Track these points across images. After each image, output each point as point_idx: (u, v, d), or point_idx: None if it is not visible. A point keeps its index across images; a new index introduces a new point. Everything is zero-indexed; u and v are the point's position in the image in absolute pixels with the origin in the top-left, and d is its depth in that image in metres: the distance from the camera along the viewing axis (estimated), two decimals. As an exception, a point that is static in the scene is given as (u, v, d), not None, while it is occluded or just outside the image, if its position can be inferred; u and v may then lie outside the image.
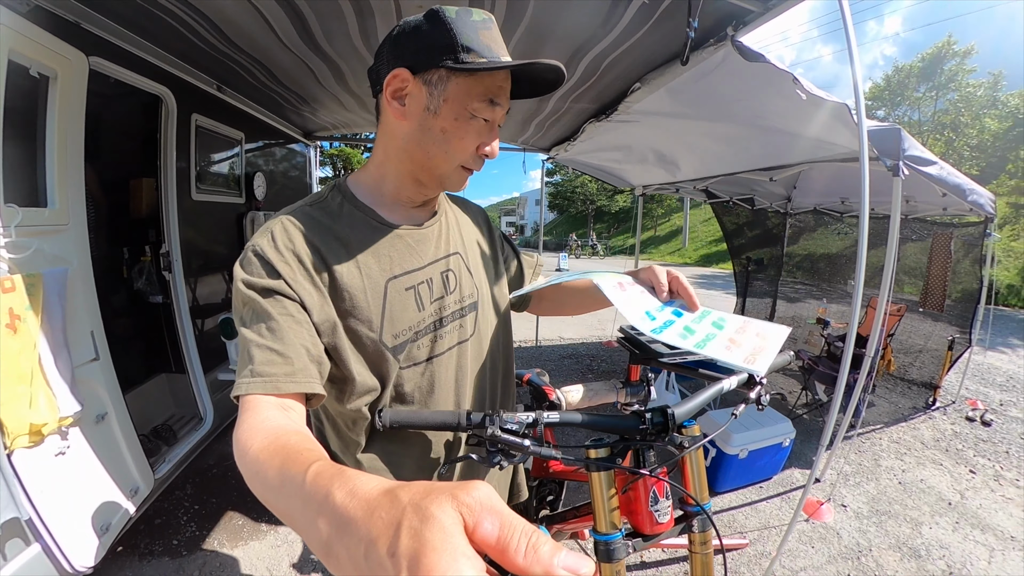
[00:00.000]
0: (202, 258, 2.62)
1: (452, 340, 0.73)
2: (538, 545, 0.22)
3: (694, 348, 0.63)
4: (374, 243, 0.67)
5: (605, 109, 2.51)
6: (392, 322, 0.66)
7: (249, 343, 0.55)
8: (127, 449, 1.83)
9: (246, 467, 0.43)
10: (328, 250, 0.63)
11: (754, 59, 1.65)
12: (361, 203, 0.68)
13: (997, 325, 6.47)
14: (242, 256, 0.61)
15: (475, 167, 0.66)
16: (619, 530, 0.73)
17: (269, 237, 0.61)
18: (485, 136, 0.64)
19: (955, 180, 2.80)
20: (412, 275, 0.69)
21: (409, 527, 0.23)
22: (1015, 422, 3.68)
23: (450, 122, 0.61)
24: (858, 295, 1.69)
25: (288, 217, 0.64)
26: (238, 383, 0.54)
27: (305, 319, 0.59)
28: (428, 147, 0.63)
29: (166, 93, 2.17)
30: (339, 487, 0.29)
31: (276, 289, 0.58)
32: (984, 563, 2.12)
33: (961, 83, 14.92)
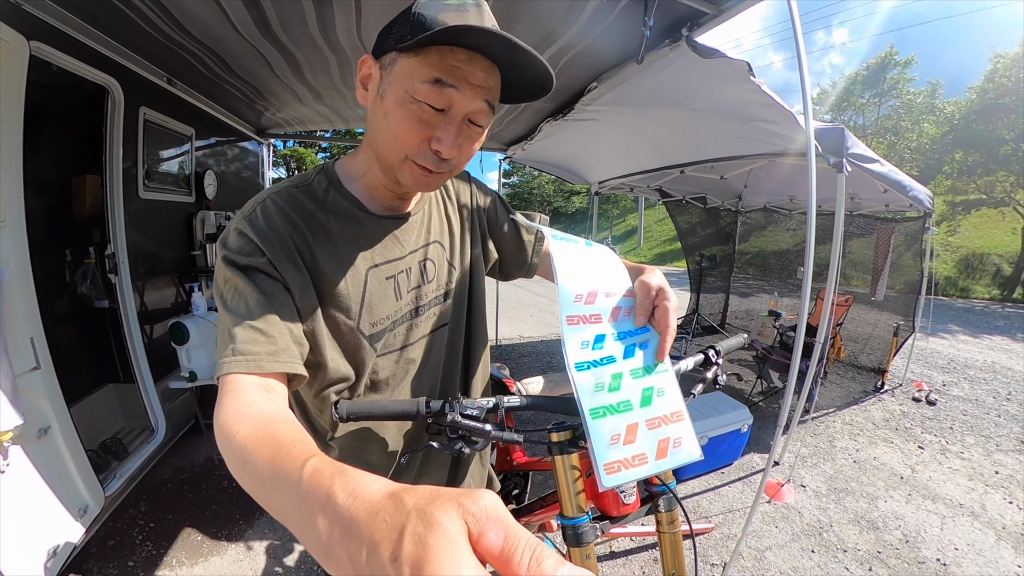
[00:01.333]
0: (150, 260, 2.48)
1: (427, 328, 0.74)
2: (542, 558, 0.22)
3: (587, 412, 0.54)
4: (357, 232, 0.66)
5: (562, 108, 2.55)
6: (371, 311, 0.66)
7: (231, 322, 0.53)
8: (74, 465, 1.70)
9: (232, 455, 0.42)
10: (311, 234, 0.62)
11: (710, 55, 1.71)
12: (346, 191, 0.66)
13: (937, 313, 6.97)
14: (224, 233, 0.59)
15: (427, 163, 0.58)
16: (586, 513, 0.73)
17: (253, 215, 0.59)
18: (437, 127, 0.55)
19: (896, 177, 2.99)
20: (392, 264, 0.68)
21: (413, 533, 0.23)
22: (957, 400, 3.97)
23: (392, 106, 0.55)
24: (807, 286, 1.78)
25: (273, 197, 0.62)
26: (220, 363, 0.52)
27: (287, 300, 0.58)
28: (377, 132, 0.59)
29: (113, 84, 2.04)
30: (341, 487, 0.28)
31: (259, 268, 0.56)
32: (937, 530, 2.27)
33: (902, 91, 16.09)
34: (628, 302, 0.64)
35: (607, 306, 0.62)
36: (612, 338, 0.59)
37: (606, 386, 0.56)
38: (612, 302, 0.63)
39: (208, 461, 2.63)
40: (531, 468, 1.29)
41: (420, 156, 0.57)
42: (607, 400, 0.55)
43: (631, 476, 0.53)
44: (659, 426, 0.56)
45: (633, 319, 0.62)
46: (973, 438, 3.25)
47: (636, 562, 2.00)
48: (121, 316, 2.25)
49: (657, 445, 0.55)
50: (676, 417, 0.57)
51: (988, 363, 5.11)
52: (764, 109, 2.09)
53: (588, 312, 0.60)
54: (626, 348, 0.59)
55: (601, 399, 0.55)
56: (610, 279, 0.65)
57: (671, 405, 0.58)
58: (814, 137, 1.71)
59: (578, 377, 0.55)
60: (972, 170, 12.37)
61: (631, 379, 0.57)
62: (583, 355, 0.57)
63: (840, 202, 2.23)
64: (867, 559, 2.06)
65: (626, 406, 0.56)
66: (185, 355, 2.35)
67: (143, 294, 2.39)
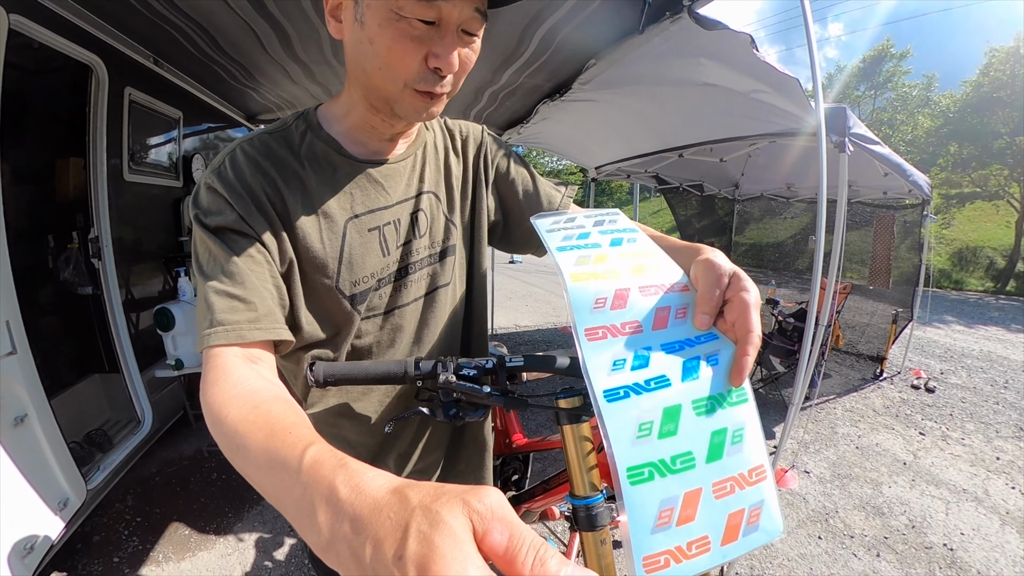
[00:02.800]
0: (135, 245, 2.40)
1: (419, 290, 0.66)
2: (546, 558, 0.22)
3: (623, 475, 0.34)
4: (334, 178, 0.59)
5: (560, 88, 2.48)
6: (351, 268, 0.60)
7: (208, 290, 0.50)
8: (53, 456, 1.62)
9: (223, 438, 0.40)
10: (284, 185, 0.56)
11: (712, 27, 1.65)
12: (325, 134, 0.60)
13: (931, 305, 7.02)
14: (195, 190, 0.56)
15: (430, 86, 0.52)
16: (600, 492, 0.63)
17: (222, 167, 0.55)
18: (431, 42, 0.50)
19: (896, 160, 2.97)
20: (376, 214, 0.61)
21: (418, 531, 0.22)
22: (955, 388, 3.97)
23: (374, 29, 0.49)
24: (818, 263, 1.72)
25: (244, 145, 0.57)
26: (200, 336, 0.49)
27: (265, 258, 0.53)
28: (363, 63, 0.52)
29: (97, 63, 1.96)
30: (343, 481, 0.28)
31: (231, 227, 0.52)
32: (942, 515, 2.26)
33: (897, 83, 16.17)
34: (681, 299, 0.44)
35: (646, 307, 0.42)
36: (661, 352, 0.40)
37: (655, 429, 0.36)
38: (654, 301, 0.43)
39: (197, 453, 2.55)
40: (532, 450, 1.22)
41: (420, 79, 0.52)
42: (656, 453, 0.35)
43: (684, 572, 0.34)
44: (731, 491, 0.37)
45: (690, 321, 0.42)
46: (973, 425, 3.24)
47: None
48: (105, 303, 2.17)
49: (726, 523, 0.36)
50: (758, 476, 0.38)
51: (984, 352, 5.13)
52: (767, 85, 2.04)
53: (619, 320, 0.41)
54: (685, 365, 0.39)
55: (646, 452, 0.35)
56: (647, 268, 0.46)
57: (752, 457, 0.38)
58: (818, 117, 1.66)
59: (610, 412, 0.36)
60: (966, 163, 12.47)
61: (694, 416, 0.37)
62: (617, 379, 0.37)
63: (843, 183, 2.19)
64: (874, 545, 2.02)
65: (687, 463, 0.36)
66: (171, 342, 2.27)
67: (128, 280, 2.31)
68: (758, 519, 0.37)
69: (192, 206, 0.55)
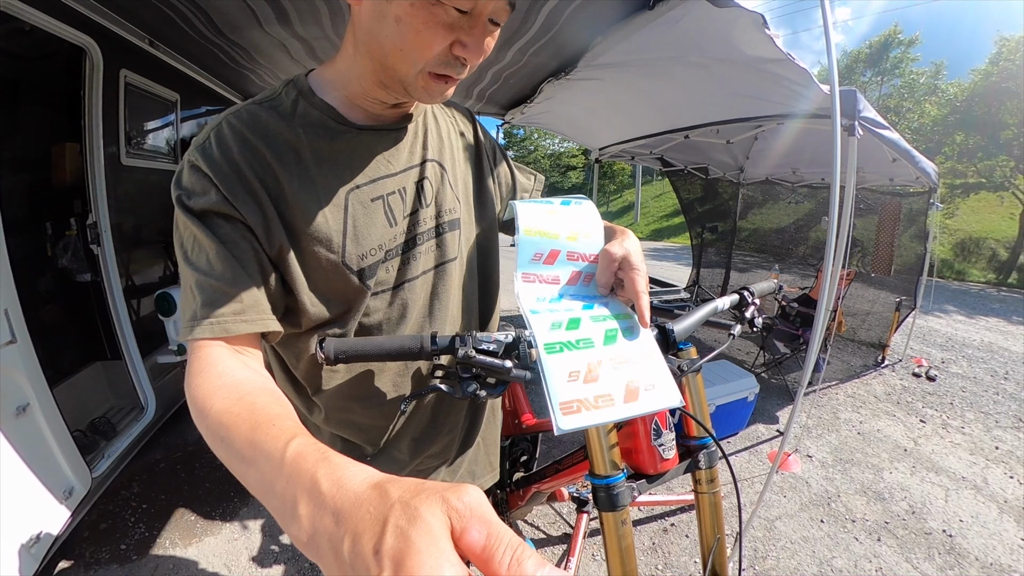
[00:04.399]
0: (135, 230, 2.36)
1: (428, 263, 0.64)
2: (523, 558, 0.22)
3: (540, 347, 0.48)
4: (332, 148, 0.55)
5: (565, 66, 2.42)
6: (357, 240, 0.57)
7: (192, 279, 0.49)
8: (56, 445, 1.61)
9: (207, 430, 0.40)
10: (276, 158, 0.53)
11: (723, 4, 1.60)
12: (319, 100, 0.56)
13: (934, 294, 7.01)
14: (179, 167, 0.53)
15: (450, 71, 0.50)
16: (621, 471, 0.64)
17: (207, 144, 0.51)
18: (461, 30, 0.48)
19: (905, 145, 2.92)
20: (379, 184, 0.58)
21: (395, 526, 0.22)
22: (956, 377, 3.98)
23: (405, 8, 0.46)
24: (830, 249, 1.70)
25: (230, 118, 0.53)
26: (183, 327, 0.48)
27: (251, 243, 0.51)
28: (382, 40, 0.49)
29: (91, 45, 1.91)
30: (325, 475, 0.28)
31: (216, 210, 0.49)
32: (942, 502, 2.27)
33: (905, 70, 15.90)
34: (593, 268, 0.58)
35: (567, 270, 0.57)
36: (568, 299, 0.54)
37: (563, 324, 0.49)
38: (574, 267, 0.57)
39: (201, 439, 2.53)
40: (542, 430, 1.21)
41: (441, 65, 0.50)
42: (563, 336, 0.48)
43: (594, 419, 0.45)
44: (626, 363, 0.48)
45: (593, 285, 0.57)
46: (973, 414, 3.25)
47: (646, 532, 1.96)
48: (105, 290, 2.15)
49: (625, 387, 0.47)
50: (647, 358, 0.50)
51: (985, 343, 5.13)
52: (776, 66, 1.99)
53: (546, 272, 0.55)
54: (586, 307, 0.53)
55: (557, 336, 0.48)
56: (579, 240, 0.59)
57: (641, 348, 0.50)
58: (829, 98, 1.62)
59: (533, 319, 0.50)
60: (972, 153, 12.31)
61: (591, 323, 0.51)
62: (539, 305, 0.52)
63: (851, 166, 2.15)
64: (875, 529, 2.04)
65: (587, 343, 0.49)
66: (173, 327, 2.26)
67: (128, 265, 2.28)
68: (655, 388, 0.48)
69: (174, 186, 0.51)
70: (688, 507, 2.06)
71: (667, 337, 0.63)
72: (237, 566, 1.76)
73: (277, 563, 1.77)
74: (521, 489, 1.17)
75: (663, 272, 8.94)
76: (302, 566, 1.75)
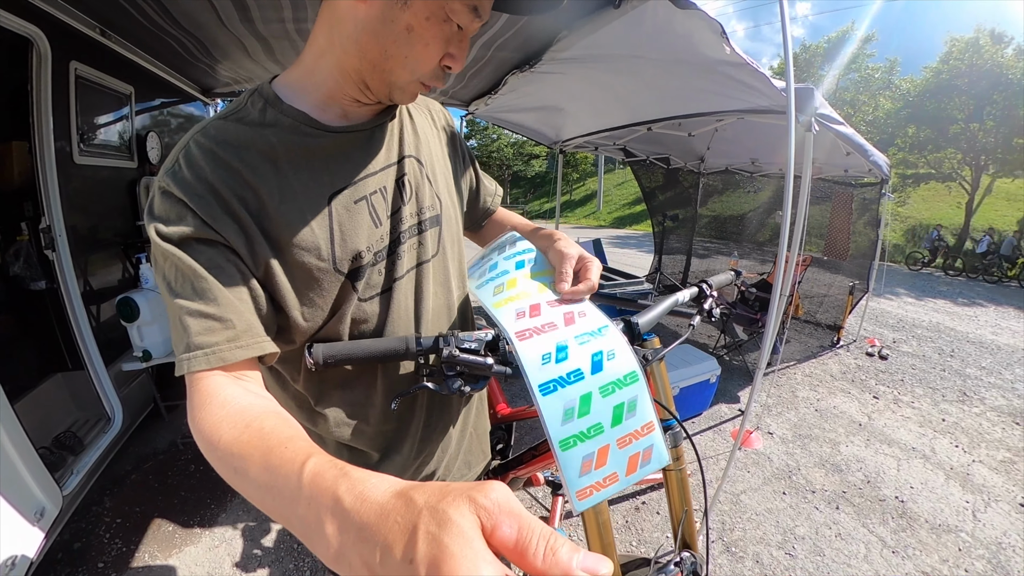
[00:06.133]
0: (91, 233, 2.26)
1: (410, 261, 0.63)
2: (556, 547, 0.22)
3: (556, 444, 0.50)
4: (308, 154, 0.54)
5: (529, 59, 2.43)
6: (344, 245, 0.56)
7: (180, 310, 0.46)
8: (23, 464, 1.53)
9: (219, 462, 0.39)
10: (251, 172, 0.51)
11: (686, 6, 1.67)
12: (288, 107, 0.54)
13: (886, 278, 7.46)
14: (150, 196, 0.50)
15: (436, 83, 0.55)
16: None
17: (176, 167, 0.49)
18: (454, 46, 0.53)
19: (859, 140, 3.09)
20: (360, 184, 0.58)
21: (426, 532, 0.22)
22: (906, 356, 4.28)
23: (421, 20, 0.48)
24: (784, 238, 1.80)
25: (197, 138, 0.51)
26: (179, 361, 0.46)
27: (237, 266, 0.49)
28: (386, 45, 0.50)
29: (37, 35, 1.79)
30: (347, 491, 0.28)
31: (195, 235, 0.47)
32: (894, 471, 2.47)
33: (861, 65, 16.67)
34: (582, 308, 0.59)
35: (557, 312, 0.56)
36: (575, 344, 0.53)
37: (575, 411, 0.51)
38: (560, 307, 0.57)
39: (171, 447, 2.49)
40: (516, 419, 1.26)
41: (432, 76, 0.54)
42: (578, 428, 0.51)
43: (602, 497, 0.51)
44: (629, 443, 0.53)
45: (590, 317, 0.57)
46: (922, 389, 3.51)
47: (619, 511, 2.05)
48: (63, 297, 2.05)
49: (627, 462, 0.53)
50: (647, 429, 0.54)
51: (933, 323, 5.51)
52: (735, 69, 2.07)
53: (539, 323, 0.55)
54: (593, 359, 0.53)
55: (570, 428, 0.50)
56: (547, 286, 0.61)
57: (642, 418, 0.54)
58: (784, 96, 1.71)
59: (544, 403, 0.49)
60: (923, 145, 13.07)
61: (601, 399, 0.52)
62: (547, 372, 0.51)
63: (807, 160, 2.27)
64: (834, 499, 2.20)
65: (597, 430, 0.51)
66: (137, 333, 2.17)
67: (86, 270, 2.18)
68: (649, 456, 0.54)
69: (148, 216, 0.49)
70: (657, 486, 2.16)
71: (632, 330, 0.68)
72: (220, 573, 1.73)
73: (261, 567, 1.76)
74: (499, 477, 1.21)
75: (626, 259, 9.13)
76: (286, 568, 1.75)
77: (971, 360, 4.23)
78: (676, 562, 0.77)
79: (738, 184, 5.33)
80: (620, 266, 4.43)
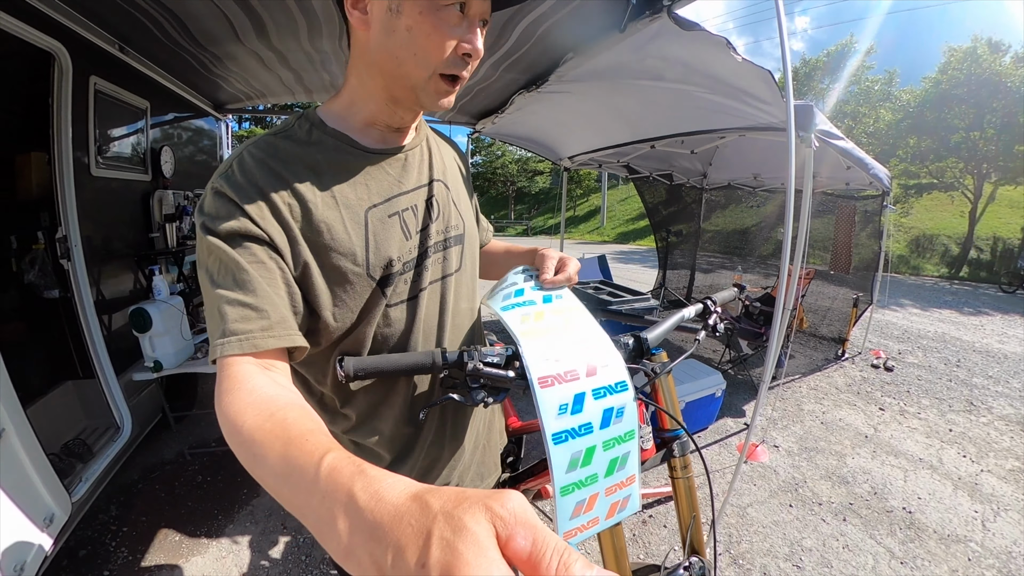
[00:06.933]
0: (105, 243, 2.29)
1: (435, 274, 0.68)
2: (570, 563, 0.21)
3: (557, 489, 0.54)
4: (348, 170, 0.60)
5: (536, 79, 2.50)
6: (378, 253, 0.61)
7: (219, 299, 0.50)
8: (35, 471, 1.55)
9: (240, 448, 0.40)
10: (298, 181, 0.56)
11: (690, 28, 1.71)
12: (332, 129, 0.61)
13: (890, 289, 7.44)
14: (202, 197, 0.55)
15: (458, 71, 0.57)
16: None
17: (230, 171, 0.55)
18: (461, 32, 0.55)
19: (859, 154, 3.13)
20: (394, 201, 0.63)
21: (441, 538, 0.22)
22: (912, 367, 4.25)
23: (415, 17, 0.53)
24: (786, 252, 1.83)
25: (251, 149, 0.57)
26: (213, 345, 0.49)
27: (277, 264, 0.53)
28: (395, 52, 0.55)
29: (60, 50, 1.85)
30: (362, 488, 0.28)
31: (242, 232, 0.52)
32: (901, 482, 2.45)
33: (860, 78, 16.84)
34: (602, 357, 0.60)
35: (580, 359, 0.58)
36: (591, 398, 0.56)
37: (579, 462, 0.54)
38: (584, 354, 0.59)
39: (179, 457, 2.50)
40: (528, 432, 1.27)
41: (450, 65, 0.56)
42: (577, 476, 0.55)
43: (583, 537, 0.56)
44: (615, 492, 0.58)
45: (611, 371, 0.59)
46: (928, 400, 3.49)
47: (626, 524, 2.04)
48: (76, 305, 2.08)
49: (609, 508, 0.58)
50: (630, 480, 0.59)
51: (939, 334, 5.49)
52: (739, 82, 2.12)
53: (562, 370, 0.56)
54: (604, 414, 0.56)
55: (572, 476, 0.54)
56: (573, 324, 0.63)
57: (629, 471, 0.59)
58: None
59: (554, 452, 0.53)
60: (924, 156, 13.10)
61: (602, 452, 0.56)
62: (561, 423, 0.53)
63: (808, 175, 2.31)
64: (841, 510, 2.19)
65: (592, 479, 0.56)
66: (148, 343, 2.20)
67: (99, 280, 2.21)
68: (626, 504, 0.60)
69: (198, 214, 0.54)
70: (665, 499, 2.16)
71: (641, 345, 0.71)
72: (227, 583, 1.74)
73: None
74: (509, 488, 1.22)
75: (630, 274, 9.14)
76: (292, 578, 1.75)
77: (978, 369, 4.20)
78: (685, 566, 0.78)
79: (740, 199, 5.37)
80: (625, 281, 4.45)
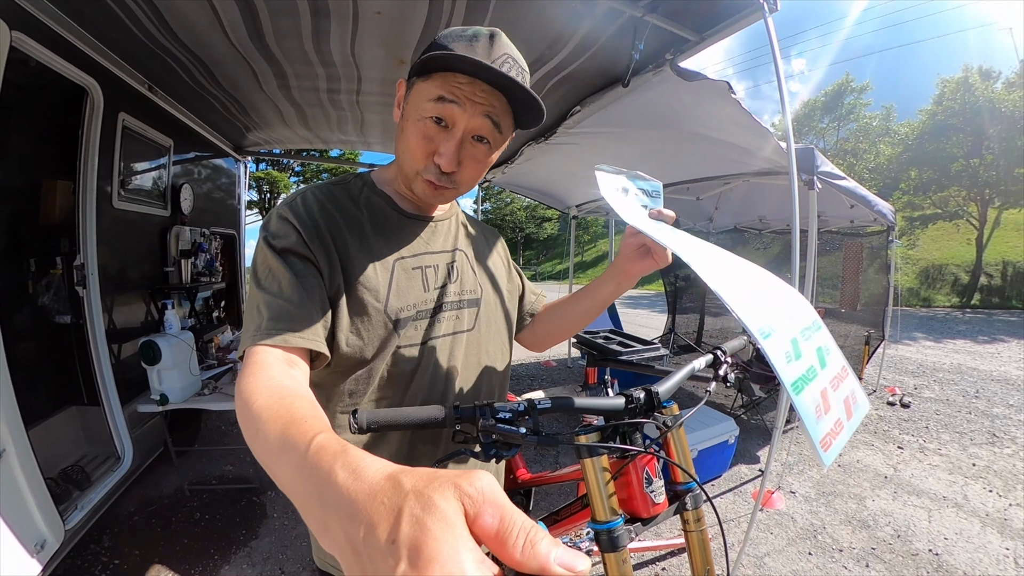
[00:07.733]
0: (121, 274, 2.35)
1: (447, 328, 0.73)
2: (536, 540, 0.22)
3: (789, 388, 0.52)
4: (386, 225, 0.71)
5: (545, 132, 2.60)
6: (398, 296, 0.68)
7: (261, 300, 0.57)
8: (31, 495, 1.54)
9: (247, 423, 0.44)
10: (345, 223, 0.67)
11: (692, 78, 1.79)
12: (380, 191, 0.73)
13: (902, 323, 7.33)
14: (267, 218, 0.65)
15: (432, 177, 0.63)
16: (620, 516, 0.71)
17: (295, 202, 0.66)
18: (436, 140, 0.61)
19: (861, 192, 3.17)
20: (420, 257, 0.72)
21: (411, 514, 0.23)
22: (930, 401, 4.14)
23: (408, 123, 0.63)
24: (795, 285, 1.82)
25: (313, 190, 0.69)
26: (245, 338, 0.55)
27: (318, 282, 0.61)
28: (398, 148, 0.67)
29: (93, 86, 1.96)
30: (342, 466, 0.29)
31: (294, 250, 0.61)
32: (925, 523, 2.33)
33: (859, 115, 17.29)
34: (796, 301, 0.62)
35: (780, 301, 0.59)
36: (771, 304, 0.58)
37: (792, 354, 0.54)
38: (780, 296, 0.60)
39: (178, 492, 2.45)
40: (536, 484, 1.24)
41: (426, 171, 0.64)
42: (799, 370, 0.53)
43: (839, 446, 0.53)
44: (839, 385, 0.56)
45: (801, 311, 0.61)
46: (948, 435, 3.38)
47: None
48: (87, 332, 2.10)
49: (844, 405, 0.56)
50: (845, 372, 0.58)
51: (954, 365, 5.36)
52: (740, 129, 2.18)
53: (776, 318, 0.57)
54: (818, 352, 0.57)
55: (795, 369, 0.53)
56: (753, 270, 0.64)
57: (838, 362, 0.57)
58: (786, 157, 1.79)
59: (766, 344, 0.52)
60: (927, 186, 13.23)
61: (803, 341, 0.55)
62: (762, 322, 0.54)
63: (813, 216, 2.34)
64: (863, 556, 2.08)
65: (812, 372, 0.54)
66: (156, 376, 2.20)
67: (112, 309, 2.25)
68: (856, 400, 0.58)
69: (263, 230, 0.64)
70: (678, 551, 2.07)
71: (652, 399, 0.70)
72: (216, 627, 1.67)
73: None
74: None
75: (639, 319, 9.10)
76: (286, 624, 1.68)
77: (997, 399, 4.08)
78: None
79: (747, 241, 5.41)
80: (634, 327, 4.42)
